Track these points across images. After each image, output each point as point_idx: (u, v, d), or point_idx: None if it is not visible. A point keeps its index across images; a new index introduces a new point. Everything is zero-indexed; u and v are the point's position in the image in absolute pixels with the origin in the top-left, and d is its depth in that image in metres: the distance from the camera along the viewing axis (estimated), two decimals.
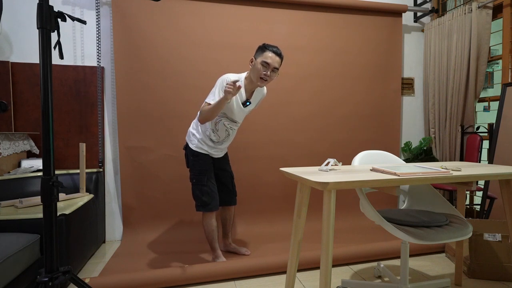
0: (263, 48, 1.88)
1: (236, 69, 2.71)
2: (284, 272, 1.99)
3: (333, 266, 2.09)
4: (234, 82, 1.71)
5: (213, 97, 1.84)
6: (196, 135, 2.00)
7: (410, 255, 2.25)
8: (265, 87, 2.09)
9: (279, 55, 1.87)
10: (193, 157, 2.01)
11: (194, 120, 2.07)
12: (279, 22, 2.82)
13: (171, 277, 1.80)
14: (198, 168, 2.00)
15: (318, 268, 2.06)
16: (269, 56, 1.84)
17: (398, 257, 2.21)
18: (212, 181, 2.02)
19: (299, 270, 2.03)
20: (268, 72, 1.85)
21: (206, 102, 1.86)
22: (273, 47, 1.87)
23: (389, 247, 2.18)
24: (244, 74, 1.97)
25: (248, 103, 1.95)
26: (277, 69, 1.88)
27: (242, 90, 1.93)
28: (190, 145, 2.02)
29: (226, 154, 2.19)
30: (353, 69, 3.01)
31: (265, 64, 1.84)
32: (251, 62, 1.91)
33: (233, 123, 2.01)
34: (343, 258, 2.09)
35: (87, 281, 1.68)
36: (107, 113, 2.64)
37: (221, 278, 1.89)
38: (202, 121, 1.88)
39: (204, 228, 2.05)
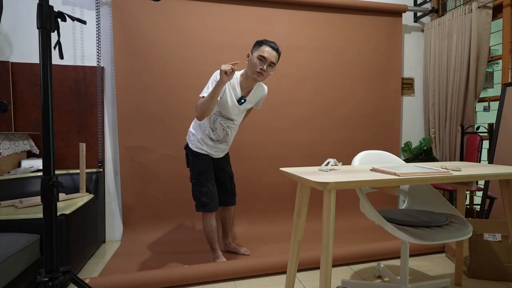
0: (260, 43, 1.86)
1: (237, 69, 2.71)
2: (284, 272, 1.99)
3: (333, 266, 2.09)
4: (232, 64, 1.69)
5: (207, 91, 1.82)
6: (195, 135, 2.00)
7: (410, 255, 2.25)
8: (266, 87, 2.09)
9: (276, 50, 1.86)
10: (192, 157, 2.01)
11: (194, 120, 2.07)
12: (279, 22, 2.82)
13: (171, 277, 1.80)
14: (198, 168, 2.00)
15: (318, 268, 2.06)
16: (266, 50, 1.82)
17: (398, 257, 2.21)
18: (211, 181, 2.02)
19: (299, 270, 2.03)
20: (265, 67, 1.83)
21: (200, 96, 1.84)
22: (270, 42, 1.85)
23: (389, 247, 2.18)
24: (240, 72, 1.95)
25: (243, 100, 1.92)
26: (274, 64, 1.87)
27: (237, 87, 1.91)
28: (190, 145, 2.01)
29: (227, 154, 2.19)
30: (353, 69, 3.01)
31: (262, 58, 1.82)
32: (248, 57, 1.89)
33: (230, 121, 1.98)
34: (343, 258, 2.09)
35: (87, 281, 1.68)
36: (107, 113, 2.64)
37: (221, 278, 1.89)
38: (199, 116, 1.82)
39: (204, 228, 2.05)
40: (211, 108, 1.79)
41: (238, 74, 1.93)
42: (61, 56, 1.16)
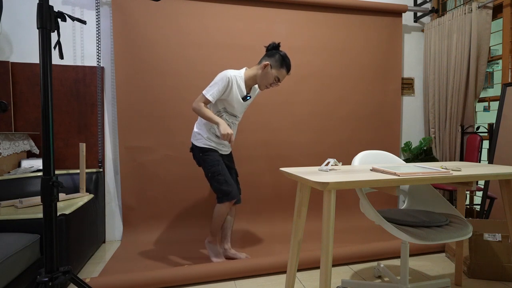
0: (282, 62, 1.93)
1: (236, 69, 2.71)
2: (284, 272, 1.99)
3: (333, 266, 2.09)
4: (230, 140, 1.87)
5: (211, 92, 1.88)
6: (201, 134, 2.03)
7: (410, 255, 2.25)
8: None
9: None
10: (202, 154, 2.03)
11: (197, 121, 2.09)
12: (279, 22, 2.82)
13: (171, 277, 1.80)
14: (210, 160, 2.01)
15: (318, 268, 2.06)
16: (284, 75, 1.96)
17: (398, 257, 2.21)
18: (226, 170, 2.04)
19: (299, 270, 2.03)
20: (274, 85, 1.99)
21: (204, 95, 1.89)
22: (289, 65, 1.97)
23: (389, 247, 2.18)
24: (243, 70, 2.01)
25: (248, 97, 2.02)
26: None
27: (242, 85, 1.98)
28: (198, 144, 2.03)
29: (231, 153, 2.21)
30: (353, 69, 3.01)
31: (277, 80, 1.96)
32: (265, 67, 1.94)
33: (234, 117, 2.05)
34: (343, 258, 2.09)
35: (87, 281, 1.68)
36: (107, 113, 2.64)
37: (221, 278, 1.89)
38: (195, 112, 1.93)
39: (215, 214, 2.03)
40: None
41: (242, 73, 1.99)
42: (61, 56, 1.16)
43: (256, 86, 2.11)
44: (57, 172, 2.37)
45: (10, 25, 2.44)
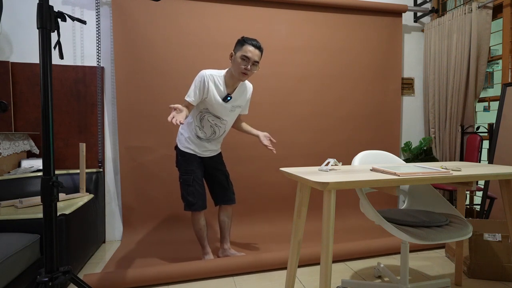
0: (242, 42, 1.86)
1: None
2: (282, 268, 1.99)
3: (333, 262, 2.09)
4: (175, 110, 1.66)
5: (189, 94, 1.86)
6: (183, 134, 2.01)
7: (410, 251, 2.26)
8: (250, 84, 2.08)
9: (258, 48, 1.86)
10: (180, 157, 2.02)
11: None
12: (279, 22, 2.82)
13: (170, 273, 1.80)
14: (184, 168, 2.00)
15: (316, 264, 2.06)
16: (249, 50, 1.82)
17: (398, 253, 2.22)
18: (198, 181, 2.01)
19: (297, 267, 2.03)
20: (249, 66, 1.84)
21: (185, 100, 1.86)
22: (252, 40, 1.85)
23: (389, 243, 2.20)
24: (224, 71, 1.95)
25: (229, 98, 1.93)
26: (258, 62, 1.87)
27: (222, 85, 1.91)
28: (179, 145, 2.03)
29: (219, 154, 2.17)
30: (353, 69, 3.01)
31: (245, 58, 1.82)
32: (231, 57, 1.89)
33: (217, 119, 1.98)
34: (342, 254, 2.10)
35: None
36: (107, 113, 2.64)
37: (220, 274, 1.90)
38: None
39: (193, 227, 2.08)
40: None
41: (222, 73, 1.93)
42: (61, 56, 1.16)
43: (243, 86, 2.01)
44: (57, 172, 2.37)
45: (10, 25, 2.43)
